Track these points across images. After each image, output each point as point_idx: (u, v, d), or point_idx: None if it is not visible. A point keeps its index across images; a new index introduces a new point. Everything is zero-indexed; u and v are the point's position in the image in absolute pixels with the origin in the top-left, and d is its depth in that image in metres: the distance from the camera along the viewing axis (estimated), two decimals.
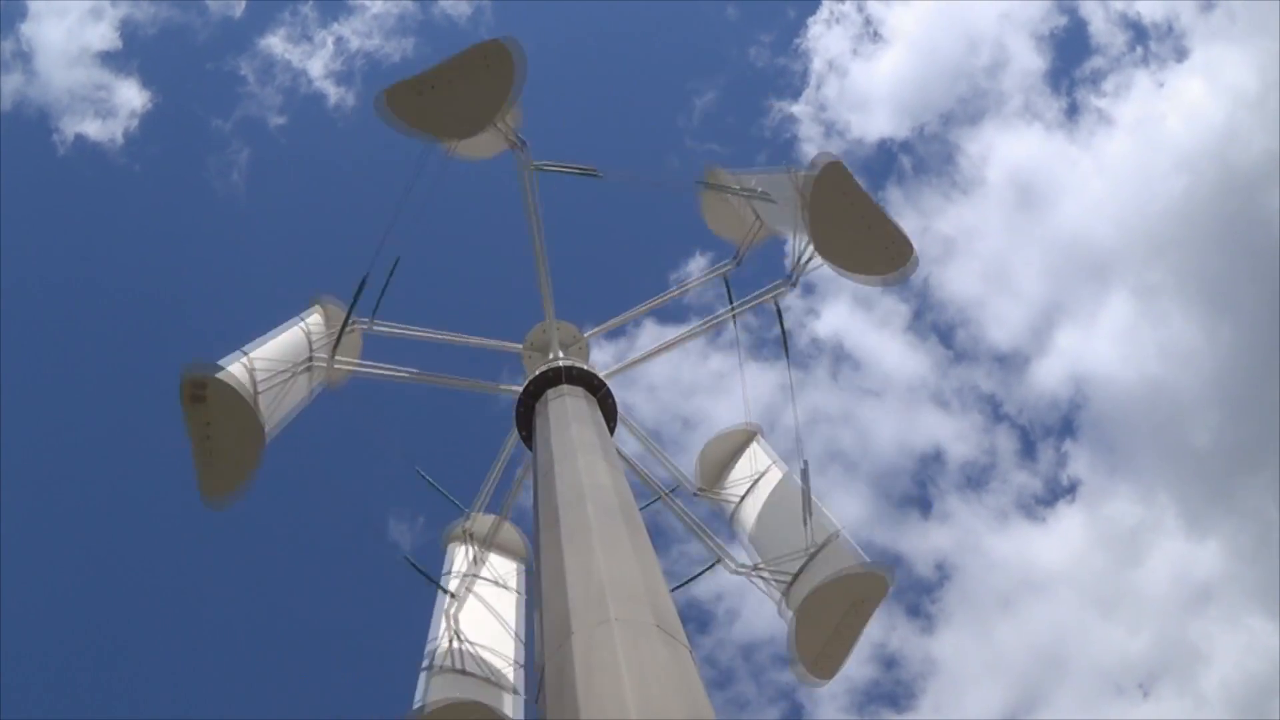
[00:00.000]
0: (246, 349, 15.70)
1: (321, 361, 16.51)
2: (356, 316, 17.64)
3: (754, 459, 19.39)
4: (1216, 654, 40.36)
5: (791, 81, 50.46)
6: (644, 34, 51.79)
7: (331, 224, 46.42)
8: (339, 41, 48.90)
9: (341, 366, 16.92)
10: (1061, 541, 44.30)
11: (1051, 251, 48.55)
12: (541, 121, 19.59)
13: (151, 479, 39.42)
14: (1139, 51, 48.41)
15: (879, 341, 45.70)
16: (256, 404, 14.49)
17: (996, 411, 44.73)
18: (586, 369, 16.51)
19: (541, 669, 9.32)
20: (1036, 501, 44.17)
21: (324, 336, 17.93)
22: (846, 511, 40.05)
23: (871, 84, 50.13)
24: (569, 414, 14.92)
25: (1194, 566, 42.55)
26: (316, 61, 48.44)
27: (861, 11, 50.58)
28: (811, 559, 15.85)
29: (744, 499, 18.80)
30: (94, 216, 45.72)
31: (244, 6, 49.13)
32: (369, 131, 47.34)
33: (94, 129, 45.68)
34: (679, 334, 18.51)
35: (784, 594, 15.97)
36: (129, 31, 47.93)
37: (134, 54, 47.30)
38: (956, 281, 47.13)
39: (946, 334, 44.97)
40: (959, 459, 43.62)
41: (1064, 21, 48.96)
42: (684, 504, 18.18)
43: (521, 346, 18.52)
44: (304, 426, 16.92)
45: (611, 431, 15.43)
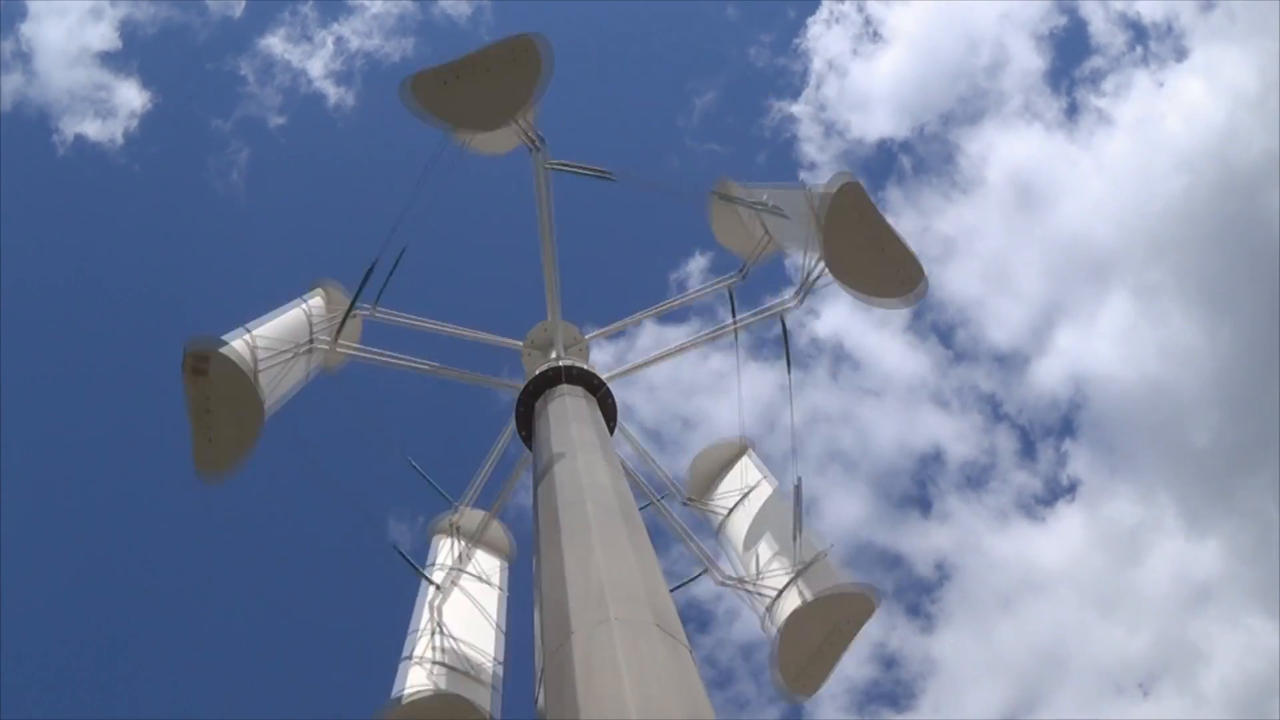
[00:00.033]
0: (249, 326, 15.66)
1: (324, 344, 16.46)
2: (359, 303, 17.62)
3: (744, 473, 19.44)
4: (1216, 654, 40.38)
5: (791, 81, 50.44)
6: (644, 34, 51.59)
7: (331, 224, 46.17)
8: (339, 41, 48.83)
9: (344, 350, 16.88)
10: (1061, 541, 44.28)
11: (1051, 251, 48.50)
12: (542, 121, 19.61)
13: (151, 478, 39.68)
14: (1139, 51, 48.37)
15: (879, 341, 45.49)
16: (257, 381, 14.44)
17: (996, 411, 44.66)
18: (587, 369, 16.50)
19: (541, 668, 9.31)
20: (1036, 501, 44.13)
21: (324, 319, 17.88)
22: (846, 511, 40.45)
23: (871, 84, 50.07)
24: (569, 414, 14.93)
25: (1194, 566, 42.53)
26: (316, 61, 48.38)
27: (861, 11, 50.54)
28: (798, 576, 15.92)
29: (732, 512, 18.85)
30: (94, 216, 45.63)
31: (244, 6, 49.07)
32: (369, 131, 47.50)
33: (94, 129, 45.57)
34: (681, 343, 18.53)
35: (768, 609, 16.03)
36: (129, 31, 47.86)
37: (134, 54, 47.23)
38: (956, 281, 46.95)
39: (946, 334, 44.82)
40: (959, 459, 43.53)
41: (1064, 21, 48.93)
42: (675, 512, 18.22)
43: (522, 344, 18.54)
44: (299, 410, 16.90)
45: (611, 432, 15.45)
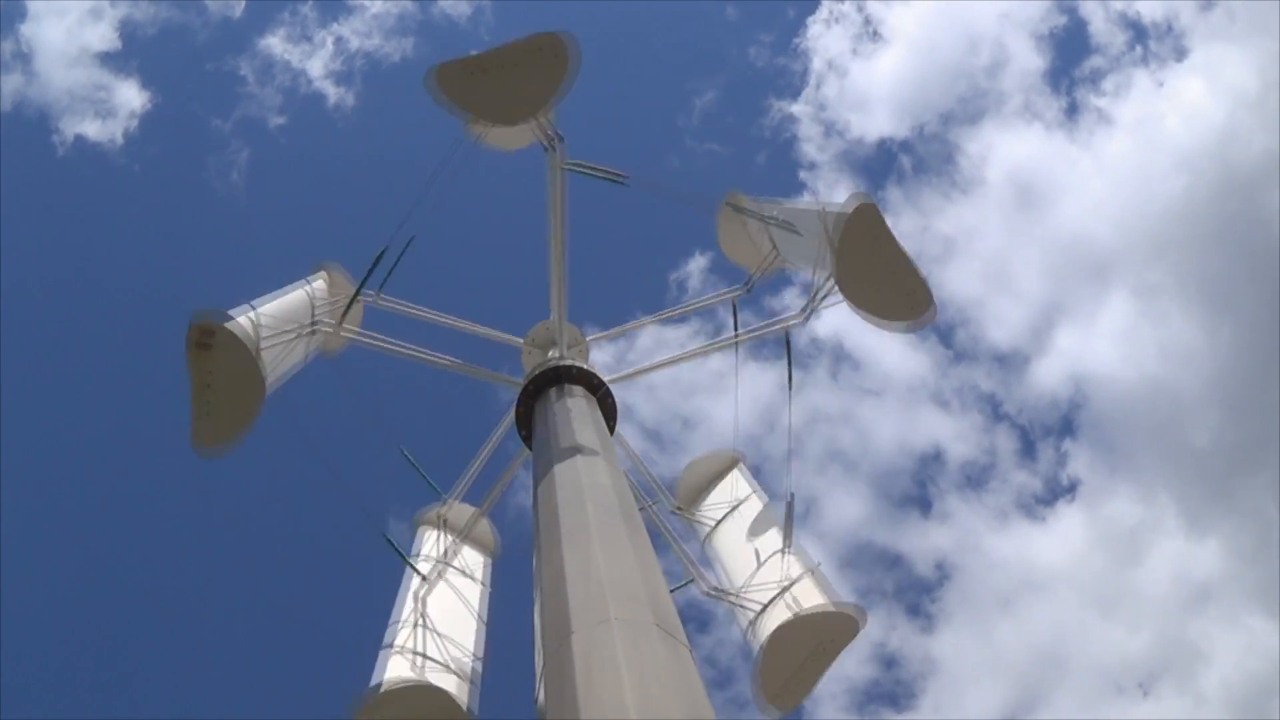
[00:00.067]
0: (254, 303, 15.64)
1: (328, 327, 16.43)
2: (364, 288, 17.62)
3: (734, 486, 19.46)
4: (1216, 653, 40.69)
5: (791, 81, 50.83)
6: (644, 34, 51.65)
7: (331, 224, 46.14)
8: (339, 41, 49.01)
9: (348, 334, 16.84)
10: (1061, 541, 44.54)
11: (1051, 251, 48.79)
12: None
13: (151, 477, 40.02)
14: (1139, 51, 48.73)
15: (879, 341, 45.93)
16: (260, 358, 14.41)
17: (996, 411, 44.92)
18: (587, 368, 16.49)
19: (542, 668, 9.33)
20: (1036, 501, 44.41)
21: (326, 302, 17.86)
22: (846, 511, 40.70)
23: (871, 84, 50.37)
24: (569, 413, 14.95)
25: (1194, 566, 42.81)
26: (316, 61, 48.58)
27: (861, 11, 50.86)
28: (784, 591, 15.94)
29: (720, 523, 18.88)
30: (94, 216, 45.69)
31: (244, 6, 49.24)
32: (369, 131, 47.60)
33: (94, 129, 45.67)
34: (682, 353, 18.56)
35: (751, 623, 16.05)
36: (129, 32, 48.02)
37: (134, 54, 47.40)
38: (956, 281, 47.20)
39: (946, 334, 44.87)
40: (959, 459, 43.75)
41: (1064, 21, 49.31)
42: (664, 518, 18.23)
43: (523, 341, 18.54)
44: (295, 392, 16.85)
45: (611, 432, 15.44)
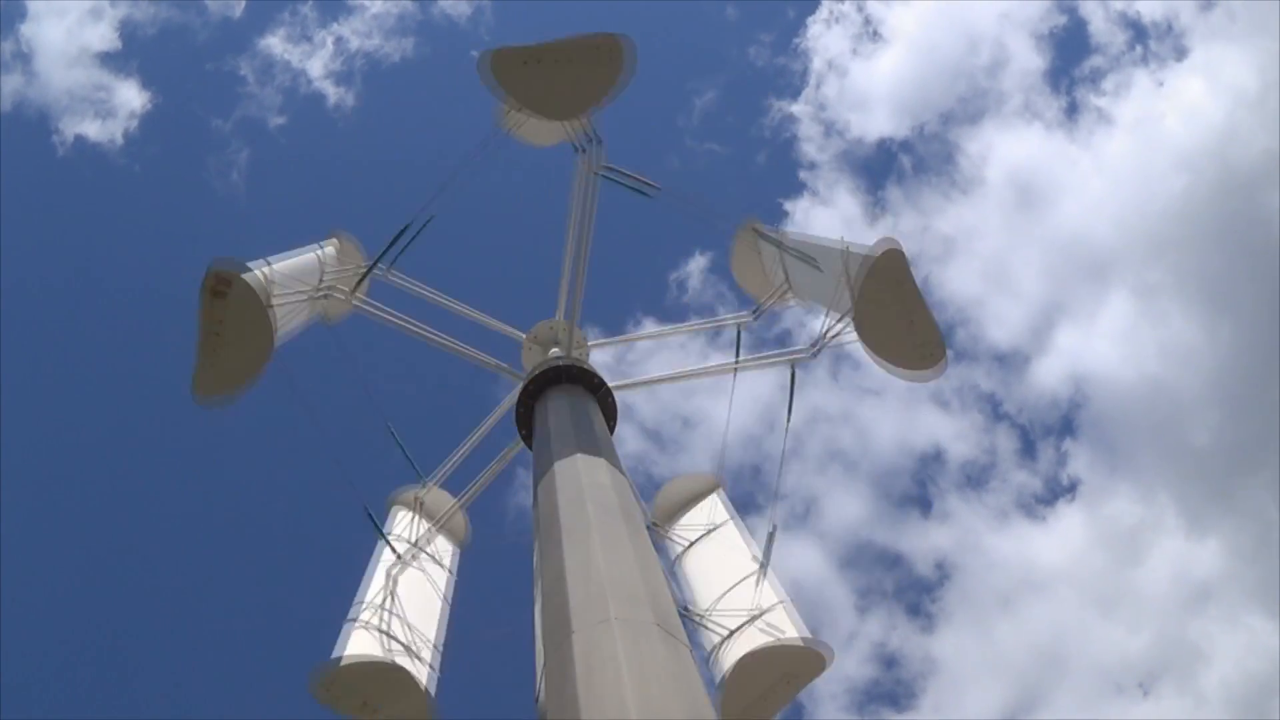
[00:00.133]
0: (270, 260, 15.58)
1: (340, 293, 16.36)
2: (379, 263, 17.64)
3: (712, 509, 19.50)
4: (1216, 653, 40.61)
5: (791, 81, 50.80)
6: (644, 34, 51.69)
7: (331, 224, 46.08)
8: (339, 41, 48.87)
9: (358, 304, 16.78)
10: (1061, 541, 44.42)
11: (1051, 251, 48.70)
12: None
13: (151, 476, 39.94)
14: (1138, 51, 48.74)
15: None
16: (273, 314, 14.34)
17: (996, 411, 44.82)
18: (587, 368, 16.47)
19: (542, 667, 9.31)
20: (1036, 501, 44.30)
21: (335, 268, 17.83)
22: (846, 511, 40.92)
23: (871, 83, 50.34)
24: (570, 413, 14.93)
25: (1194, 566, 42.73)
26: (316, 61, 48.44)
27: (861, 11, 50.92)
28: (754, 619, 16.00)
29: (693, 545, 18.91)
30: (94, 216, 45.39)
31: (244, 7, 49.08)
32: (369, 131, 47.51)
33: (94, 130, 45.46)
34: (684, 371, 18.63)
35: (717, 647, 16.07)
36: (129, 32, 47.79)
37: (134, 54, 47.18)
38: (956, 281, 47.23)
39: (946, 333, 44.59)
40: (959, 458, 43.64)
41: (1063, 21, 49.39)
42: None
43: (525, 336, 18.55)
44: (290, 356, 16.78)
45: (611, 431, 15.40)
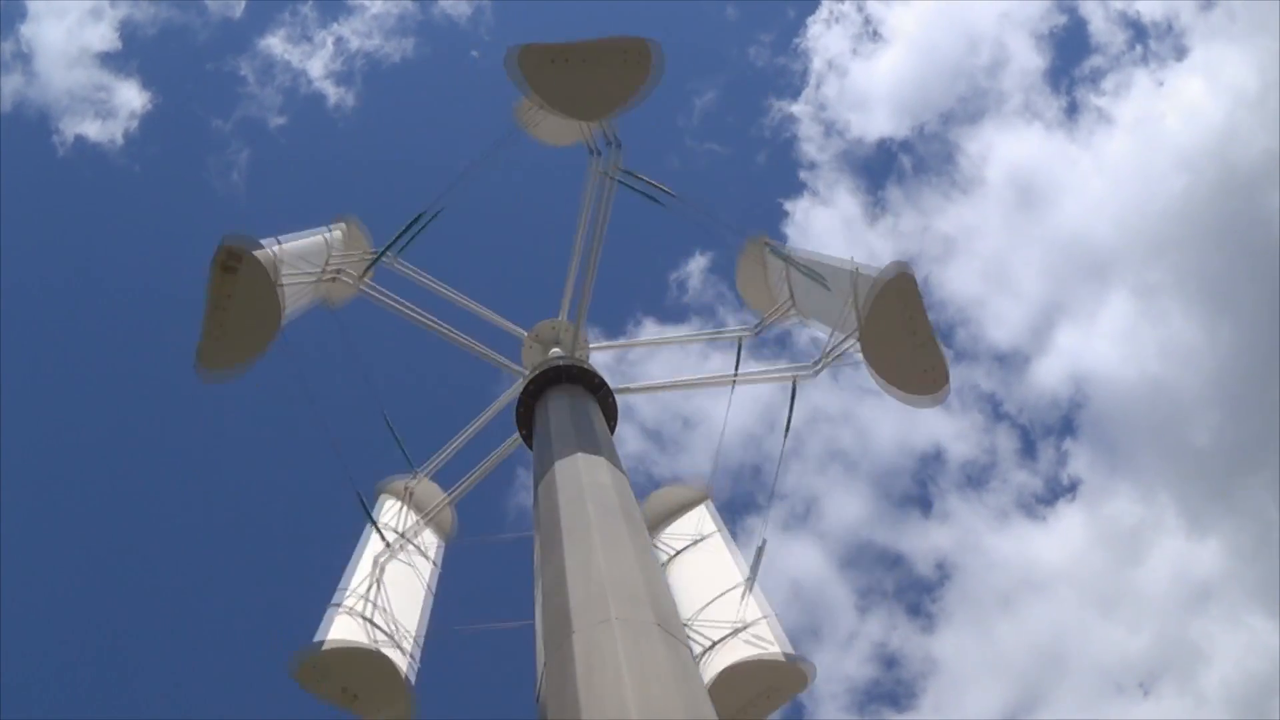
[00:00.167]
0: (281, 239, 15.58)
1: (348, 277, 16.35)
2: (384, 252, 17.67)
3: (700, 520, 19.52)
4: (1217, 653, 40.48)
5: (791, 81, 50.66)
6: (644, 34, 51.83)
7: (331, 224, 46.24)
8: (339, 42, 48.79)
9: (366, 288, 16.76)
10: (1062, 540, 44.28)
11: (1051, 251, 48.59)
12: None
13: (150, 476, 39.72)
14: (1139, 50, 48.66)
15: None
16: (281, 293, 14.33)
17: (997, 411, 44.68)
18: (586, 367, 16.45)
19: (542, 668, 9.30)
20: (1037, 500, 44.17)
21: (341, 253, 17.83)
22: (847, 511, 41.05)
23: (871, 83, 50.21)
24: (570, 412, 14.92)
25: (1194, 565, 42.60)
26: (316, 62, 48.34)
27: (861, 11, 50.84)
28: (738, 632, 16.03)
29: (679, 554, 18.93)
30: (94, 217, 45.26)
31: (244, 7, 49.01)
32: (369, 132, 47.38)
33: (94, 130, 45.30)
34: (683, 380, 18.65)
35: (698, 659, 16.07)
36: (129, 32, 47.63)
37: (134, 55, 47.05)
38: (956, 281, 47.16)
39: (946, 333, 44.62)
40: (959, 458, 43.51)
41: (1063, 20, 49.33)
42: None
43: (526, 334, 18.56)
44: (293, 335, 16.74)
45: (612, 431, 15.37)
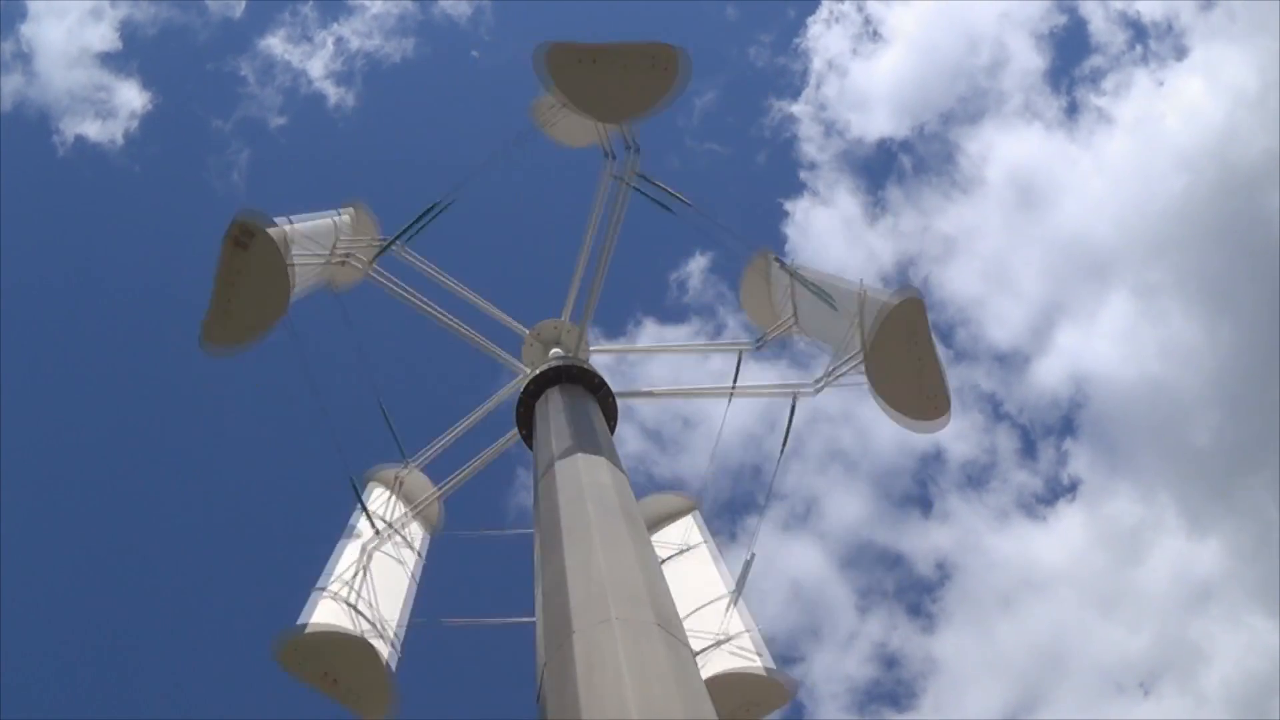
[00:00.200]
0: (292, 219, 15.57)
1: (358, 262, 16.34)
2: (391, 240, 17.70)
3: (686, 531, 19.52)
4: (1217, 653, 40.44)
5: (791, 81, 50.67)
6: (644, 34, 51.66)
7: None
8: (339, 42, 48.71)
9: (374, 275, 16.75)
10: (1062, 540, 44.23)
11: (1051, 251, 48.58)
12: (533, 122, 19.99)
13: (150, 476, 39.65)
14: (1138, 50, 48.68)
15: None
16: (292, 272, 14.31)
17: (997, 411, 44.64)
18: (586, 367, 16.43)
19: (542, 668, 9.26)
20: (1037, 500, 44.13)
21: (349, 237, 17.83)
22: (847, 511, 41.19)
23: (871, 83, 50.20)
24: (571, 412, 14.92)
25: (1194, 565, 42.54)
26: (316, 62, 48.26)
27: (861, 11, 50.85)
28: (720, 644, 16.04)
29: (663, 563, 18.91)
30: (94, 217, 45.17)
31: (244, 7, 48.95)
32: (370, 132, 47.39)
33: (94, 130, 45.19)
34: (684, 389, 18.70)
35: None
36: (129, 32, 47.53)
37: (134, 55, 46.96)
38: (956, 281, 47.23)
39: (946, 333, 44.66)
40: (959, 458, 43.45)
41: (1063, 20, 49.35)
42: None
43: (528, 332, 18.55)
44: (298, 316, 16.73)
45: (612, 431, 15.34)
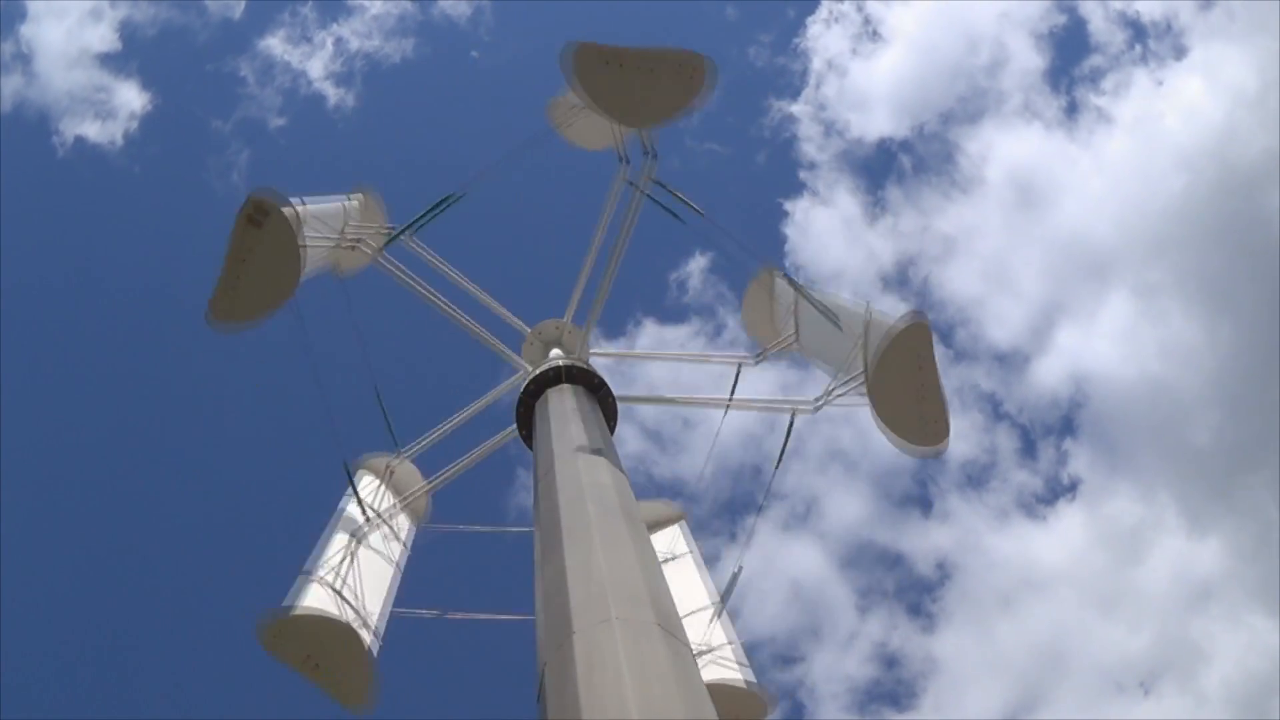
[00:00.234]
0: (306, 200, 15.57)
1: (368, 247, 16.33)
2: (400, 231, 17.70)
3: (672, 540, 19.54)
4: (1217, 652, 40.41)
5: (791, 81, 50.74)
6: (644, 34, 51.04)
7: None
8: (338, 42, 48.81)
9: (383, 262, 16.74)
10: (1062, 540, 44.19)
11: (1051, 250, 48.61)
12: (543, 120, 20.10)
13: (150, 476, 39.64)
14: (1138, 50, 48.78)
15: None
16: (303, 253, 14.31)
17: (997, 410, 44.63)
18: (586, 368, 16.44)
19: (543, 668, 9.26)
20: (1037, 500, 44.10)
21: (357, 223, 17.83)
22: (847, 511, 41.33)
23: (871, 83, 50.26)
24: (569, 412, 14.92)
25: (1194, 565, 42.53)
26: (316, 62, 48.35)
27: (860, 11, 50.96)
28: (701, 655, 16.04)
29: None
30: (94, 218, 45.14)
31: (243, 7, 49.02)
32: (369, 132, 47.39)
33: (94, 131, 45.24)
34: (683, 397, 18.72)
35: None
36: (128, 33, 47.60)
37: (134, 55, 47.02)
38: (956, 280, 47.24)
39: (946, 333, 44.73)
40: (959, 458, 43.44)
41: (1063, 20, 49.50)
42: None
43: (529, 330, 18.56)
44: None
45: (611, 431, 15.33)
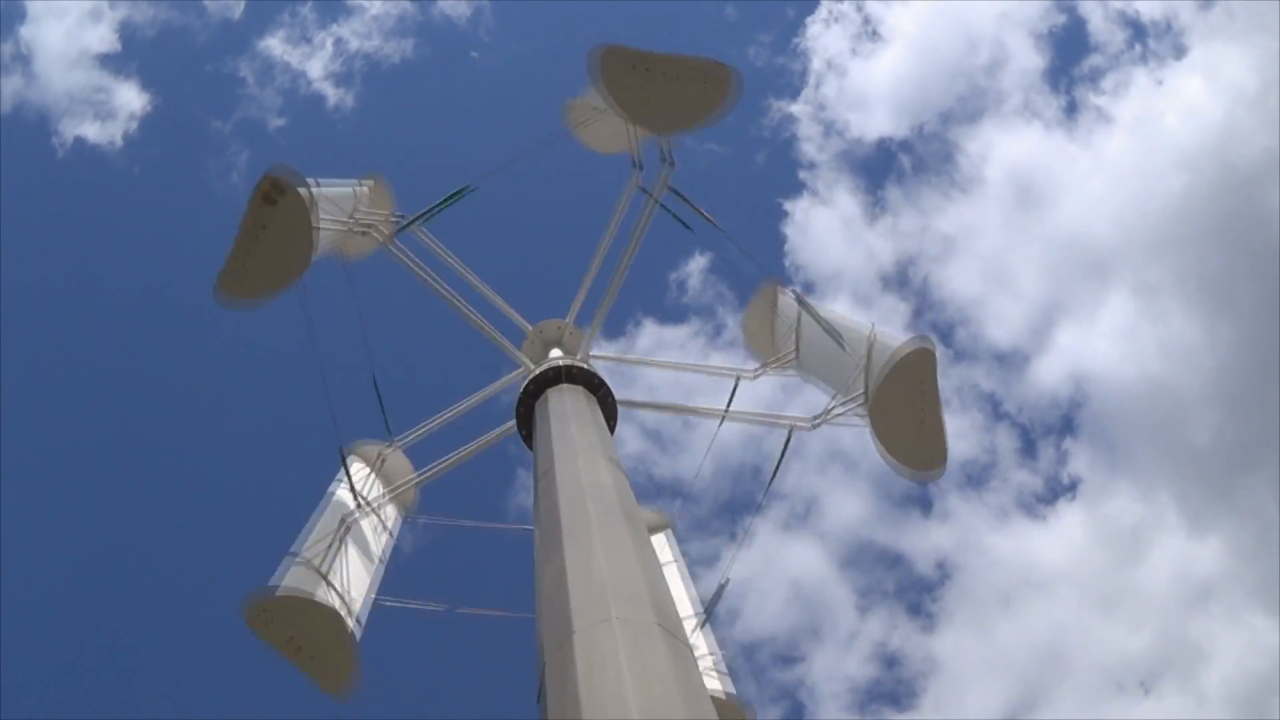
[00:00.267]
0: (321, 183, 15.54)
1: (379, 234, 16.29)
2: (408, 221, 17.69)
3: (659, 548, 19.54)
4: (1218, 652, 40.29)
5: (791, 81, 50.55)
6: (644, 34, 50.90)
7: None
8: (338, 43, 48.73)
9: (393, 249, 16.70)
10: (1062, 540, 44.06)
11: (1051, 250, 48.53)
12: (543, 121, 20.20)
13: (150, 477, 39.59)
14: (1138, 49, 48.67)
15: None
16: (316, 235, 14.29)
17: (996, 410, 44.54)
18: (587, 368, 16.40)
19: (543, 668, 9.23)
20: (1037, 500, 43.98)
21: (367, 208, 17.79)
22: (847, 511, 41.24)
23: (870, 83, 50.21)
24: (570, 413, 14.89)
25: (1195, 564, 42.42)
26: (316, 63, 48.25)
27: (860, 11, 50.91)
28: None
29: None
30: (94, 218, 45.03)
31: (243, 8, 48.95)
32: (369, 133, 47.28)
33: (93, 131, 45.15)
34: (682, 405, 18.72)
35: None
36: (128, 33, 47.53)
37: (133, 56, 46.97)
38: (956, 280, 47.17)
39: (946, 333, 44.64)
40: (959, 458, 43.33)
41: (1063, 20, 49.43)
42: None
43: (530, 330, 18.54)
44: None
45: (611, 431, 15.31)
